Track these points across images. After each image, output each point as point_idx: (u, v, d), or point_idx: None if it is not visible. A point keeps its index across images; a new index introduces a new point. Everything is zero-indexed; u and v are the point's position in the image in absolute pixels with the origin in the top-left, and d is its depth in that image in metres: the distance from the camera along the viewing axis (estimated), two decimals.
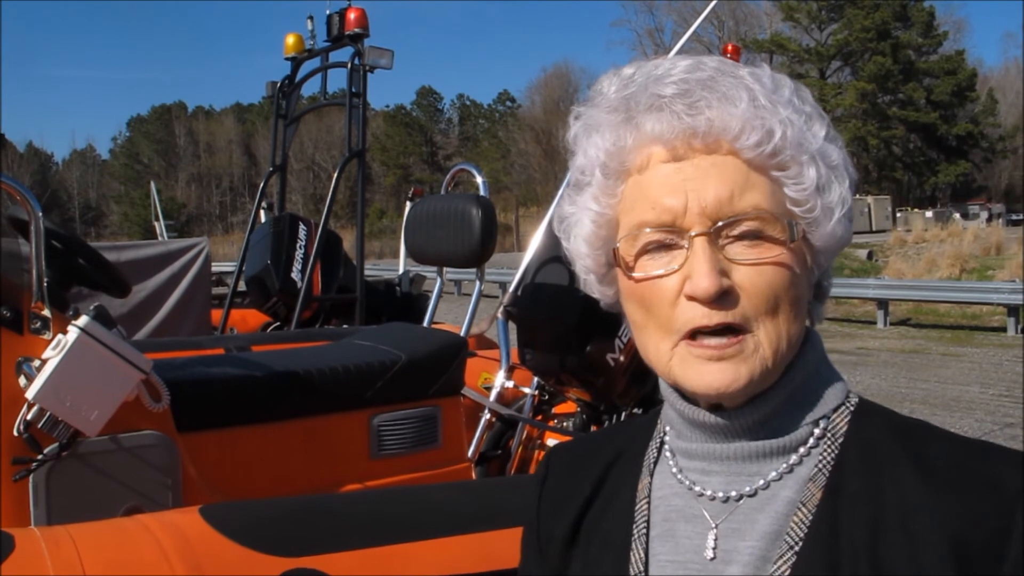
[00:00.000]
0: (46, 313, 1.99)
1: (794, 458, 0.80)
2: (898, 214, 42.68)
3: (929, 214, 38.91)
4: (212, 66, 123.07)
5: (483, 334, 4.48)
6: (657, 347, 0.80)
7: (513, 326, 3.39)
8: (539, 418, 3.55)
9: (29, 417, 1.90)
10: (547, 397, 3.56)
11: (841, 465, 0.78)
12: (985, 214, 41.76)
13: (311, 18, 5.39)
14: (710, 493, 0.81)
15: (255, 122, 66.92)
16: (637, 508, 0.86)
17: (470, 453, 3.04)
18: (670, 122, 0.77)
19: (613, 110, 0.80)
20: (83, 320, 1.95)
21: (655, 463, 0.88)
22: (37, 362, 1.93)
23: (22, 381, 1.91)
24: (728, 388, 0.76)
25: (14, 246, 2.26)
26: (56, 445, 1.94)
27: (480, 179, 3.73)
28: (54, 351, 1.92)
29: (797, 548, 0.76)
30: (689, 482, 0.83)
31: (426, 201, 3.61)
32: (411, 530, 1.78)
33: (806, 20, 51.42)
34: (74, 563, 1.48)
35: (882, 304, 15.38)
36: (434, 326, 3.78)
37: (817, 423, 0.81)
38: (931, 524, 0.73)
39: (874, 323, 15.36)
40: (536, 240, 3.45)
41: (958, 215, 37.10)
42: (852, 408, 0.83)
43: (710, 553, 0.79)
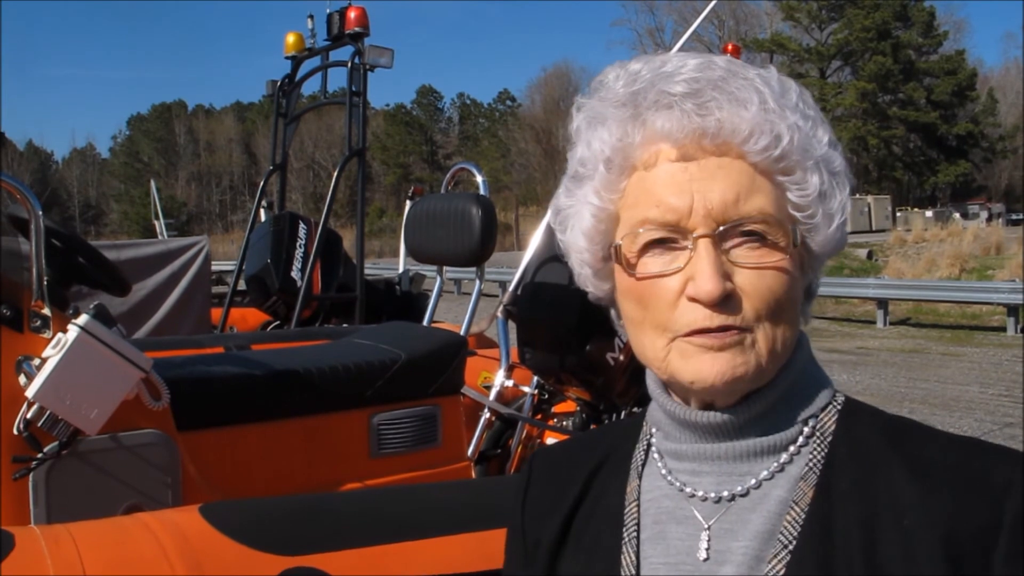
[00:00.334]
0: (46, 312, 1.99)
1: (785, 457, 0.80)
2: (898, 214, 42.66)
3: (929, 214, 38.89)
4: (212, 65, 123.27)
5: (483, 333, 4.48)
6: (653, 343, 0.79)
7: (513, 325, 3.39)
8: (539, 417, 3.55)
9: (29, 415, 1.90)
10: (547, 396, 3.56)
11: (831, 464, 0.79)
12: (985, 214, 41.76)
13: (311, 17, 5.39)
14: (701, 494, 0.81)
15: (255, 121, 66.90)
16: (627, 511, 0.86)
17: (470, 452, 3.04)
18: (680, 121, 0.76)
19: (620, 105, 0.79)
20: (83, 319, 1.95)
21: (643, 465, 0.88)
22: (37, 360, 1.93)
23: (22, 379, 1.91)
24: (726, 378, 0.76)
25: (14, 245, 2.26)
26: (56, 443, 1.94)
27: (480, 178, 3.73)
28: (54, 350, 1.92)
29: (791, 547, 0.75)
30: (679, 483, 0.83)
31: (426, 200, 3.61)
32: (410, 529, 1.78)
33: (806, 20, 51.41)
34: (74, 561, 1.48)
35: (882, 304, 15.39)
36: (434, 325, 3.77)
37: (806, 422, 0.81)
38: (923, 521, 0.73)
39: (874, 323, 15.36)
40: (536, 239, 3.45)
41: (958, 215, 37.08)
42: (839, 407, 0.83)
43: (703, 554, 0.79)
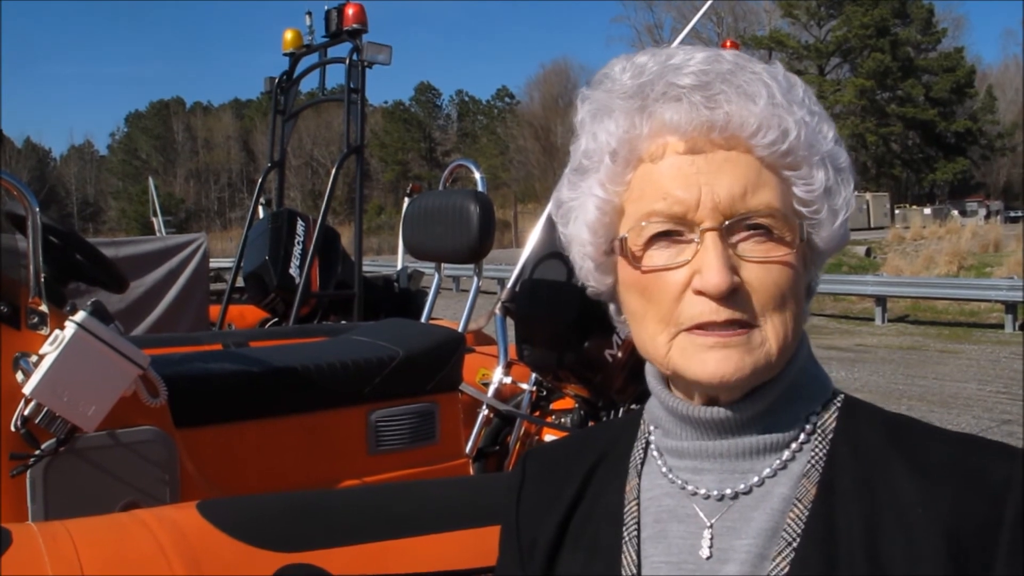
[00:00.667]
0: (43, 309, 1.99)
1: (787, 454, 0.80)
2: (896, 211, 42.72)
3: (927, 211, 38.99)
4: (210, 62, 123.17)
5: (481, 330, 4.49)
6: (654, 338, 0.79)
7: (511, 322, 3.39)
8: (537, 414, 3.55)
9: (26, 413, 1.90)
10: (545, 393, 3.56)
11: (833, 461, 0.78)
12: (983, 211, 41.81)
13: (309, 14, 5.39)
14: (703, 491, 0.81)
15: (253, 118, 66.85)
16: (626, 510, 0.85)
17: (468, 449, 3.04)
18: (688, 113, 0.76)
19: (627, 96, 0.79)
20: (80, 316, 1.95)
21: (642, 464, 0.87)
22: (34, 357, 1.92)
23: (19, 376, 1.91)
24: (732, 376, 0.75)
25: (12, 242, 2.25)
26: (53, 440, 1.94)
27: (478, 175, 3.73)
28: (51, 347, 1.92)
29: (795, 545, 0.75)
30: (681, 481, 0.82)
31: (424, 197, 3.61)
32: (408, 526, 1.78)
33: (805, 17, 51.40)
34: (71, 558, 1.48)
35: (880, 301, 15.39)
36: (432, 322, 3.78)
37: (807, 419, 0.81)
38: (925, 518, 0.73)
39: (872, 320, 15.37)
40: (534, 236, 3.44)
41: (956, 212, 37.17)
42: (839, 405, 0.83)
43: (706, 552, 0.78)
